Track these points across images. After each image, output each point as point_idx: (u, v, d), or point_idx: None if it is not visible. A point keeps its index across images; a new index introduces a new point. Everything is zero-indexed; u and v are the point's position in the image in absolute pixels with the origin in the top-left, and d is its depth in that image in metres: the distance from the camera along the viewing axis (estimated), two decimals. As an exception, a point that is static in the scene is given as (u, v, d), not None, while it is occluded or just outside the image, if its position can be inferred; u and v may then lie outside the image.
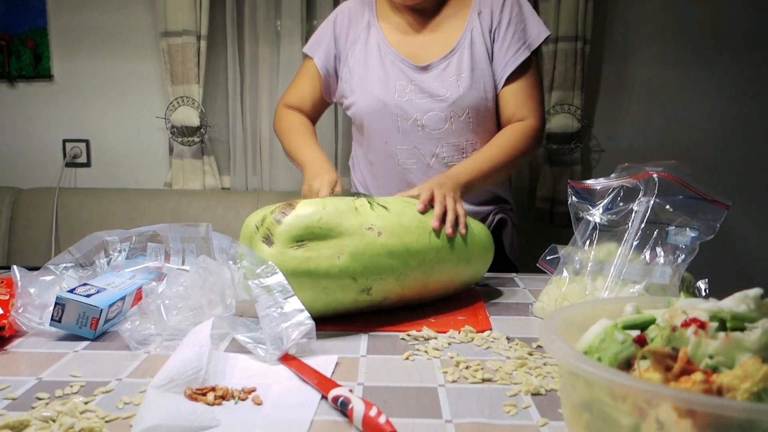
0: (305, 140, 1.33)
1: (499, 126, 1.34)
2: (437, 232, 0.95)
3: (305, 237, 0.84)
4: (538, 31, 1.30)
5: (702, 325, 0.47)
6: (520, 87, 1.29)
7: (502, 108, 1.31)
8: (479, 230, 1.05)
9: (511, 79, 1.29)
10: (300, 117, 1.41)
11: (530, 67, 1.30)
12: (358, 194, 0.98)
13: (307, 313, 0.77)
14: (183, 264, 0.99)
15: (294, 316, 0.76)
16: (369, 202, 0.93)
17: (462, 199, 1.08)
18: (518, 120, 1.29)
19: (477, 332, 0.88)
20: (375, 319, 0.92)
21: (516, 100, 1.29)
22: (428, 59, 1.29)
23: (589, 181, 0.97)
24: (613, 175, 0.95)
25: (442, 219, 0.97)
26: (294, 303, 0.78)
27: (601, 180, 0.96)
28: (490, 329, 0.90)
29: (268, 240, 0.85)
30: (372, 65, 1.31)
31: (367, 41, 1.33)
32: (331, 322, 0.89)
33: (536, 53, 1.32)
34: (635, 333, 0.51)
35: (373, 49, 1.32)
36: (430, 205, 0.99)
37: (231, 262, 0.85)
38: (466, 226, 1.00)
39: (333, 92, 1.42)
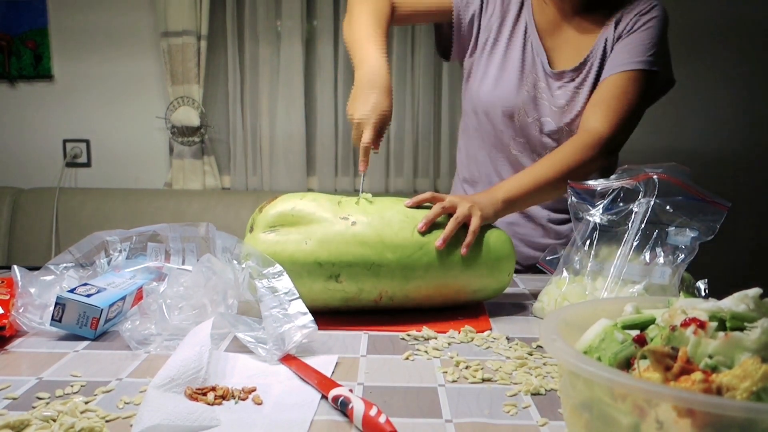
0: (374, 34, 1.13)
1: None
2: (423, 233, 0.91)
3: (278, 223, 0.89)
4: (663, 64, 1.19)
5: (701, 325, 0.47)
6: (607, 92, 1.15)
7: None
8: (497, 239, 0.97)
9: (605, 81, 1.16)
10: (385, 6, 1.20)
11: (633, 83, 1.14)
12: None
13: (310, 316, 0.77)
14: (183, 264, 0.99)
15: (297, 318, 0.77)
16: (357, 201, 0.93)
17: (503, 216, 1.01)
18: (587, 125, 1.15)
19: (477, 332, 0.88)
20: (375, 319, 0.92)
21: (594, 99, 1.16)
22: (561, 65, 1.22)
23: (589, 182, 0.97)
24: (612, 177, 0.95)
25: (444, 229, 0.91)
26: (298, 305, 0.78)
27: (601, 180, 0.96)
28: (490, 329, 0.90)
29: (251, 229, 0.91)
30: (514, 50, 1.24)
31: (516, 23, 1.25)
32: (332, 322, 0.89)
33: (652, 84, 1.18)
34: (635, 333, 0.52)
35: (518, 34, 1.24)
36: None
37: (235, 262, 0.85)
38: (473, 246, 0.93)
39: (454, 40, 1.30)
